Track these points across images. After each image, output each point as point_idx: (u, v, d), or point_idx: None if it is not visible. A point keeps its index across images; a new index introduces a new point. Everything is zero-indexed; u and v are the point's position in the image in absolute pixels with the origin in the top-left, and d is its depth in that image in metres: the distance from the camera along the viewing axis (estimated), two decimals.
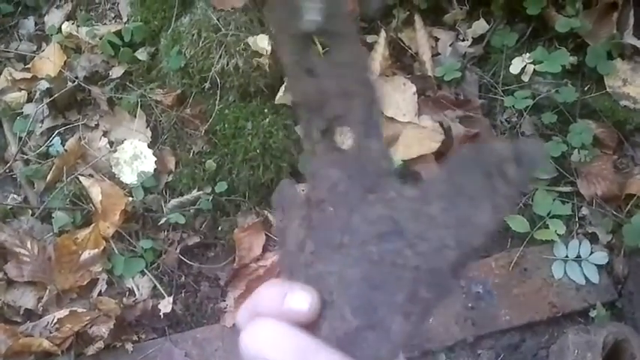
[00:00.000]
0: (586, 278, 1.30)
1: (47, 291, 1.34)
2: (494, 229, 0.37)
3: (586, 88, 1.45)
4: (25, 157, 1.51)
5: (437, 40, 1.53)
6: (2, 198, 1.48)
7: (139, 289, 1.35)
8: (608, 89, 1.42)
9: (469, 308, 1.28)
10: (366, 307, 0.39)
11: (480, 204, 0.37)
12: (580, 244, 1.32)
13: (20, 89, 1.59)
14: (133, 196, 1.41)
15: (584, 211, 1.37)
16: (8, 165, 1.50)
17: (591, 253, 1.31)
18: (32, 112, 1.53)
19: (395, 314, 0.38)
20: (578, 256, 1.31)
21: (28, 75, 1.60)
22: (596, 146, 1.39)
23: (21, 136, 1.52)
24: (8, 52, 1.67)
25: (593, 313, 1.29)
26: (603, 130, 1.41)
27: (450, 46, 1.52)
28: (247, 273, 1.33)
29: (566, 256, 1.31)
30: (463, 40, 1.52)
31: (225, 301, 1.33)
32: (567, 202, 1.36)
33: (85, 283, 1.36)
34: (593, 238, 1.34)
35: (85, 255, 1.35)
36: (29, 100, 1.58)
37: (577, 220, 1.36)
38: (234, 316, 1.27)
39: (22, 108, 1.57)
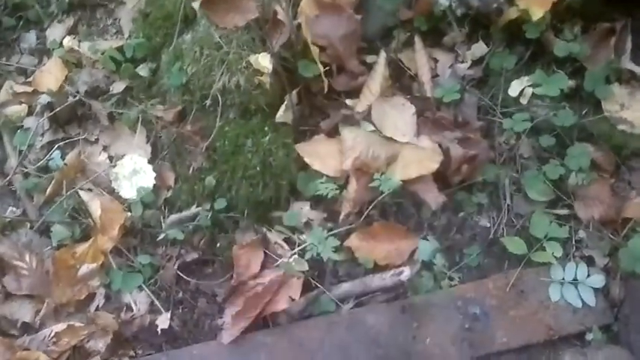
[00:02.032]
0: (582, 301, 1.33)
1: (45, 304, 1.38)
2: None
3: (584, 112, 1.50)
4: (25, 170, 1.56)
5: (436, 61, 1.59)
6: (1, 211, 1.53)
7: (136, 305, 1.39)
8: (605, 113, 1.47)
9: (465, 329, 1.32)
10: None
11: None
12: (577, 266, 1.36)
13: (21, 102, 1.64)
14: (131, 211, 1.46)
15: (581, 234, 1.41)
16: (8, 178, 1.54)
17: (588, 276, 1.35)
18: (33, 126, 1.58)
19: None
20: (575, 279, 1.35)
21: (29, 89, 1.65)
22: (593, 170, 1.44)
23: (21, 150, 1.57)
24: (9, 65, 1.73)
25: (589, 336, 1.32)
26: (601, 154, 1.46)
27: (450, 67, 1.57)
28: (245, 290, 1.36)
29: (563, 279, 1.35)
30: (462, 62, 1.58)
31: (222, 317, 1.36)
32: (564, 225, 1.40)
33: (83, 297, 1.39)
34: (589, 261, 1.38)
35: (84, 269, 1.39)
36: (30, 113, 1.63)
37: (574, 242, 1.40)
38: (231, 333, 1.31)
39: (22, 121, 1.62)
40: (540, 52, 1.54)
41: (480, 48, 1.58)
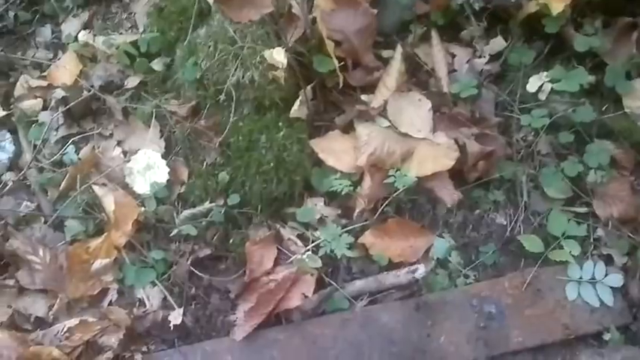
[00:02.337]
0: (600, 300, 1.32)
1: (58, 299, 1.39)
2: None
3: (604, 108, 1.48)
4: (40, 165, 1.57)
5: (453, 56, 1.58)
6: (16, 205, 1.54)
7: (149, 300, 1.39)
8: (626, 109, 1.45)
9: (481, 328, 1.31)
10: None
11: None
12: (595, 265, 1.34)
13: (36, 97, 1.65)
14: (145, 207, 1.46)
15: (600, 232, 1.40)
16: (22, 172, 1.55)
17: (606, 275, 1.33)
18: (47, 120, 1.59)
19: None
20: (593, 278, 1.33)
21: (44, 83, 1.66)
22: (612, 167, 1.42)
23: (36, 144, 1.58)
24: (25, 59, 1.74)
25: (606, 337, 1.31)
26: (621, 151, 1.44)
27: (467, 62, 1.56)
28: (258, 286, 1.36)
29: (581, 278, 1.33)
30: (480, 57, 1.56)
31: (235, 314, 1.36)
32: (582, 223, 1.38)
33: (96, 292, 1.40)
34: (608, 260, 1.37)
35: (97, 264, 1.40)
36: (45, 108, 1.64)
37: (592, 241, 1.39)
38: (243, 329, 1.31)
39: (37, 116, 1.63)
40: (560, 47, 1.53)
41: (498, 43, 1.56)
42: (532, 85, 1.50)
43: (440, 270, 1.37)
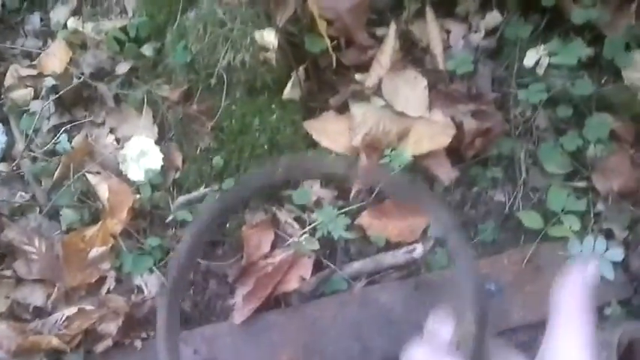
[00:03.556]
0: (601, 275, 1.33)
1: (56, 288, 1.41)
2: None
3: (603, 81, 1.48)
4: (33, 154, 1.58)
5: (449, 32, 1.58)
6: (10, 196, 1.55)
7: (147, 287, 1.41)
8: (626, 82, 1.45)
9: None
10: None
11: None
12: (595, 240, 1.35)
13: (26, 86, 1.66)
14: (140, 194, 1.48)
15: (600, 206, 1.41)
16: (15, 162, 1.57)
17: (607, 249, 1.34)
18: (39, 109, 1.61)
19: None
20: (594, 253, 1.34)
21: (34, 72, 1.67)
22: (612, 140, 1.43)
23: (28, 134, 1.60)
24: (14, 48, 1.75)
25: (608, 311, 1.32)
26: (620, 124, 1.45)
27: (463, 38, 1.56)
28: (256, 270, 1.38)
29: (581, 253, 1.35)
30: (476, 33, 1.56)
31: (233, 298, 1.39)
32: (582, 198, 1.39)
33: (94, 280, 1.42)
34: (608, 235, 1.38)
35: (93, 252, 1.42)
36: (36, 97, 1.65)
37: (592, 216, 1.40)
38: (242, 313, 1.33)
39: (28, 105, 1.64)
40: (557, 20, 1.52)
41: (494, 17, 1.56)
42: (529, 59, 1.50)
43: (438, 249, 1.39)
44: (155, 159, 1.51)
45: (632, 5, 1.49)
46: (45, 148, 1.58)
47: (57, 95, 1.58)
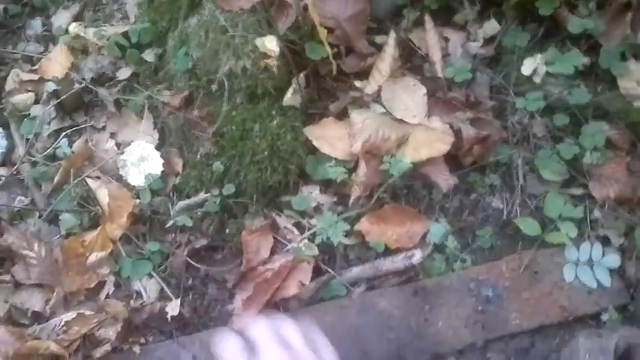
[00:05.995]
0: (598, 282, 1.35)
1: (54, 293, 1.41)
2: None
3: (599, 90, 1.50)
4: (33, 159, 1.59)
5: (447, 40, 1.60)
6: (10, 200, 1.56)
7: (146, 292, 1.42)
8: (621, 90, 1.47)
9: (479, 311, 1.34)
10: None
11: None
12: (592, 247, 1.37)
13: (27, 91, 1.67)
14: (140, 199, 1.49)
15: (597, 213, 1.42)
16: (15, 167, 1.58)
17: (603, 256, 1.36)
18: (39, 114, 1.61)
19: None
20: (590, 260, 1.36)
21: (35, 76, 1.68)
22: (608, 148, 1.45)
23: (28, 138, 1.60)
24: (15, 53, 1.76)
25: (604, 317, 1.34)
26: (616, 132, 1.47)
27: (461, 46, 1.58)
28: (255, 276, 1.39)
29: (578, 260, 1.36)
30: (474, 41, 1.59)
31: (232, 303, 1.39)
32: (579, 205, 1.41)
33: (93, 285, 1.42)
34: (605, 241, 1.40)
35: (93, 257, 1.42)
36: (36, 101, 1.66)
37: (589, 222, 1.42)
38: (241, 319, 1.34)
39: (29, 110, 1.65)
40: (554, 30, 1.55)
41: (491, 26, 1.59)
42: (526, 67, 1.52)
43: (437, 255, 1.40)
44: (155, 164, 1.52)
45: (628, 15, 1.51)
46: (45, 152, 1.59)
47: (58, 100, 1.59)
